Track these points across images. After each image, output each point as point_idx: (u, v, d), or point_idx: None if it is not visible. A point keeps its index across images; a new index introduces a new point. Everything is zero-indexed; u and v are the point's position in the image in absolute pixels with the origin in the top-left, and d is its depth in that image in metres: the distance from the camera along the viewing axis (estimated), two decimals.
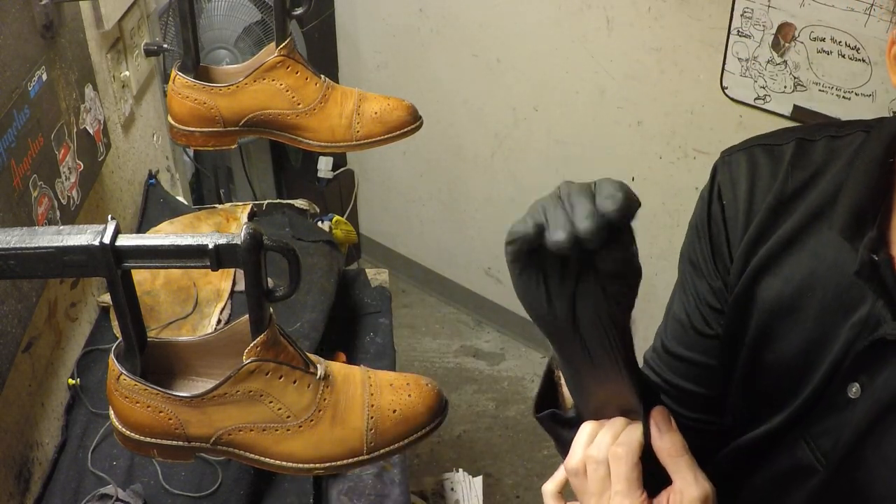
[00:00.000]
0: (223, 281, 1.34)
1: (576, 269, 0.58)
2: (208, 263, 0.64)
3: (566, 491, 0.74)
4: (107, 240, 0.63)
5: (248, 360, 0.71)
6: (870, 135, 0.74)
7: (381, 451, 0.77)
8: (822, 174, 0.75)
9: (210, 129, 1.07)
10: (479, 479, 2.11)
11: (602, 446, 0.66)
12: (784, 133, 0.81)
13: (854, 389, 0.71)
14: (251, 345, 0.71)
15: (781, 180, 0.77)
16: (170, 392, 0.72)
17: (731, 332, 0.81)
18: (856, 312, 0.70)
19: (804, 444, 0.76)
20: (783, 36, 1.79)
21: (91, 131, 1.27)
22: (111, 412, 0.75)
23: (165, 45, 1.61)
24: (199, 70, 1.08)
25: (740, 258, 0.78)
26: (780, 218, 0.76)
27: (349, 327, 1.50)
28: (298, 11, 1.06)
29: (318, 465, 0.75)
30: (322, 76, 1.08)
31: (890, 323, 0.67)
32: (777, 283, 0.76)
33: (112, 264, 0.64)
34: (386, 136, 1.07)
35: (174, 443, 0.74)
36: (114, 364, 0.72)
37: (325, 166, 2.77)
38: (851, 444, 0.71)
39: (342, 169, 2.92)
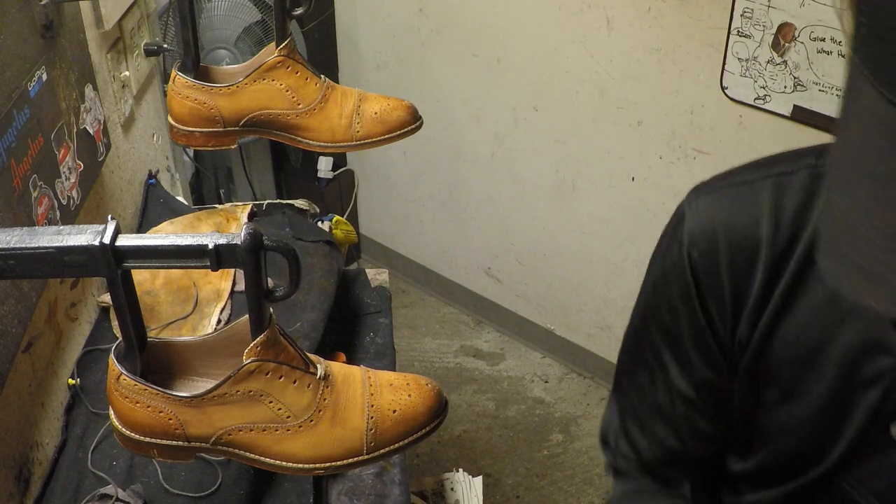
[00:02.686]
0: (223, 281, 1.34)
1: None
2: (208, 263, 0.64)
3: None
4: (107, 240, 0.63)
5: (248, 360, 0.71)
6: None
7: (381, 451, 0.77)
8: (810, 208, 0.68)
9: (210, 129, 1.07)
10: (479, 479, 2.11)
11: None
12: (757, 169, 0.72)
13: None
14: (251, 345, 0.71)
15: (771, 227, 0.69)
16: (170, 392, 0.72)
17: (743, 397, 0.75)
18: (885, 351, 0.66)
19: (851, 491, 0.72)
20: (783, 36, 1.79)
21: (91, 131, 1.27)
22: (111, 412, 0.75)
23: (165, 45, 1.61)
24: (199, 70, 1.08)
25: (747, 321, 0.71)
26: (781, 270, 0.69)
27: (349, 327, 1.50)
28: (298, 11, 1.06)
29: (318, 465, 0.75)
30: (322, 76, 1.08)
31: None
32: (791, 336, 0.70)
33: (112, 264, 0.64)
34: (386, 136, 1.07)
35: (174, 443, 0.74)
36: (114, 364, 0.72)
37: (325, 166, 2.77)
38: None
39: (342, 169, 2.92)
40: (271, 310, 0.71)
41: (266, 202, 1.63)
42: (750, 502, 0.82)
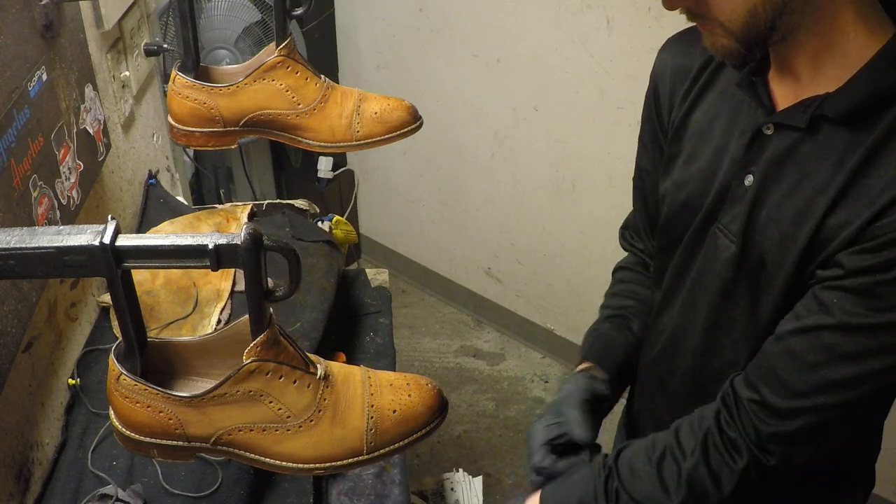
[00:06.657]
0: (223, 281, 1.34)
1: None
2: (208, 263, 0.64)
3: None
4: (107, 240, 0.63)
5: (249, 360, 0.71)
6: None
7: (381, 451, 0.77)
8: None
9: (210, 129, 1.06)
10: (479, 479, 2.11)
11: None
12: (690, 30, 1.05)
13: (748, 179, 0.93)
14: (251, 345, 0.71)
15: (698, 54, 1.03)
16: (170, 392, 0.72)
17: (669, 157, 1.06)
18: (744, 123, 0.95)
19: (718, 233, 0.98)
20: None
21: (91, 131, 1.27)
22: (111, 412, 0.75)
23: (165, 45, 1.61)
24: (199, 70, 1.08)
25: (678, 105, 1.06)
26: (699, 76, 1.02)
27: (349, 327, 1.50)
28: (298, 11, 1.06)
29: (318, 465, 0.75)
30: (322, 76, 1.07)
31: (764, 122, 0.92)
32: (699, 115, 1.02)
33: (112, 264, 0.64)
34: (386, 136, 1.07)
35: (174, 443, 0.74)
36: (114, 364, 0.72)
37: (325, 166, 2.78)
38: (748, 213, 0.93)
39: (342, 169, 2.93)
40: (271, 310, 0.71)
41: (266, 202, 1.63)
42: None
